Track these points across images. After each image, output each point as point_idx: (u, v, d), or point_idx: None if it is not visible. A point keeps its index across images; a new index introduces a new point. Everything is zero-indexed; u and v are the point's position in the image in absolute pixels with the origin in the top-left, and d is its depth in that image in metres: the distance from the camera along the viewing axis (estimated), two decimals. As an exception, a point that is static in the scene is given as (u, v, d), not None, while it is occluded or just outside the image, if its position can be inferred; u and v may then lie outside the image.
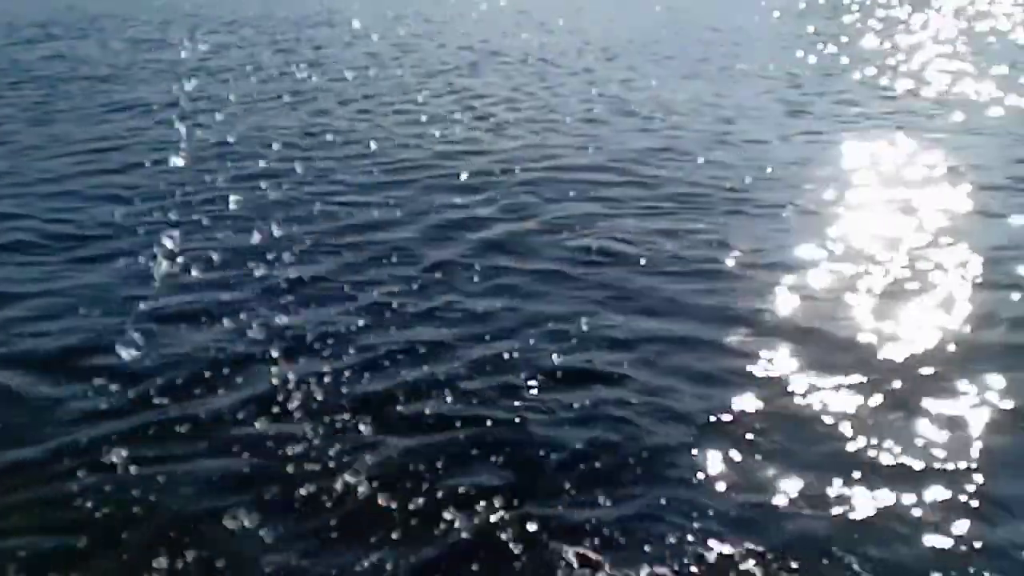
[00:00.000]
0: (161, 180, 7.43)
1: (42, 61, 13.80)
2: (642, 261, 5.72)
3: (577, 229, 6.31)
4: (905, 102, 10.80)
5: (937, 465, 3.57)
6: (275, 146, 8.53)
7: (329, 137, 9.01)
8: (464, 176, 7.59)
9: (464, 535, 3.16)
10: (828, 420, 3.90)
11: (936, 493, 3.39)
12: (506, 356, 4.46)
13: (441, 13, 20.77)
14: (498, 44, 15.86)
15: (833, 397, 4.07)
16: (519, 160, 8.09)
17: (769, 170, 7.80)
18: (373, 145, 8.64)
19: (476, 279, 5.46)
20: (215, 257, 5.67)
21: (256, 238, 5.93)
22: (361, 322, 4.80)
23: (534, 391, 4.14)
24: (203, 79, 12.25)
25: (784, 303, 5.11)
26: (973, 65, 13.19)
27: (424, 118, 9.90)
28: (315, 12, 20.38)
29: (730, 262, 5.75)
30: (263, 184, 7.27)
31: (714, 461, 3.60)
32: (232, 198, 6.82)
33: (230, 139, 8.77)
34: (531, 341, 4.62)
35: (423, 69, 13.25)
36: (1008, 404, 3.99)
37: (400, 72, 12.99)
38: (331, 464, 3.55)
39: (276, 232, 6.10)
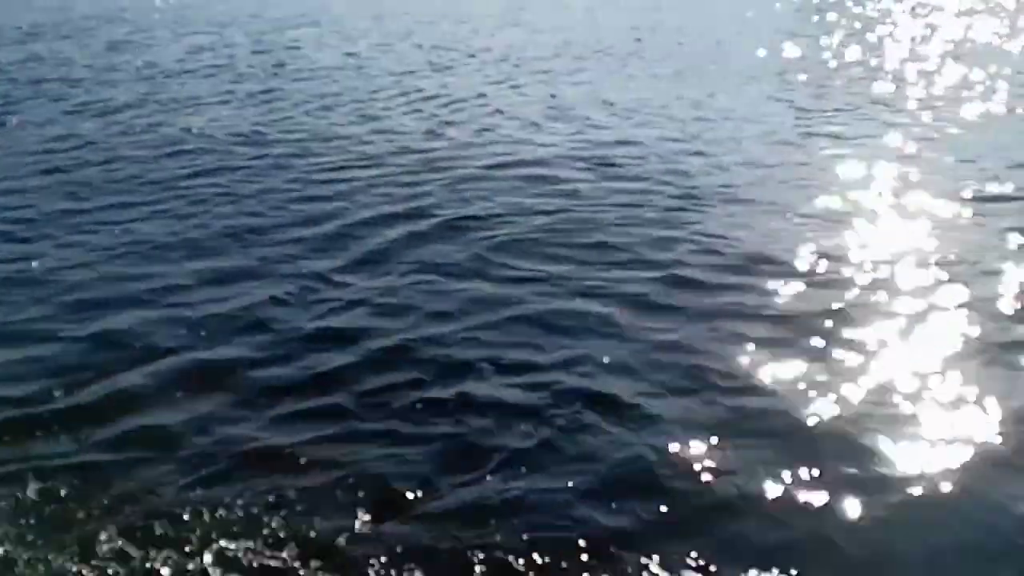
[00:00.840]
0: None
1: (17, 64, 13.91)
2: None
3: (477, 226, 6.46)
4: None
5: (938, 468, 3.58)
6: (212, 145, 8.67)
7: (272, 136, 9.07)
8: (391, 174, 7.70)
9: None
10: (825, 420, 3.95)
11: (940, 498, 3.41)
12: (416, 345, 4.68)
13: (432, 12, 20.70)
14: (480, 43, 15.77)
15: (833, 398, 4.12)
16: (451, 159, 8.19)
17: (756, 171, 7.83)
18: (313, 145, 8.71)
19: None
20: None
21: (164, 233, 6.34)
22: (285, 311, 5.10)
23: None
24: (163, 80, 12.37)
25: (770, 305, 5.15)
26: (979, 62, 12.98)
27: (375, 118, 9.92)
28: (304, 12, 20.36)
29: (719, 259, 5.84)
30: (185, 183, 7.58)
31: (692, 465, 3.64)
32: (152, 195, 7.08)
33: (174, 138, 8.88)
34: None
35: (394, 69, 13.19)
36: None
37: (369, 72, 12.96)
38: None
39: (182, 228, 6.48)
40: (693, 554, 3.14)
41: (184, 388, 4.31)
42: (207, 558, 3.14)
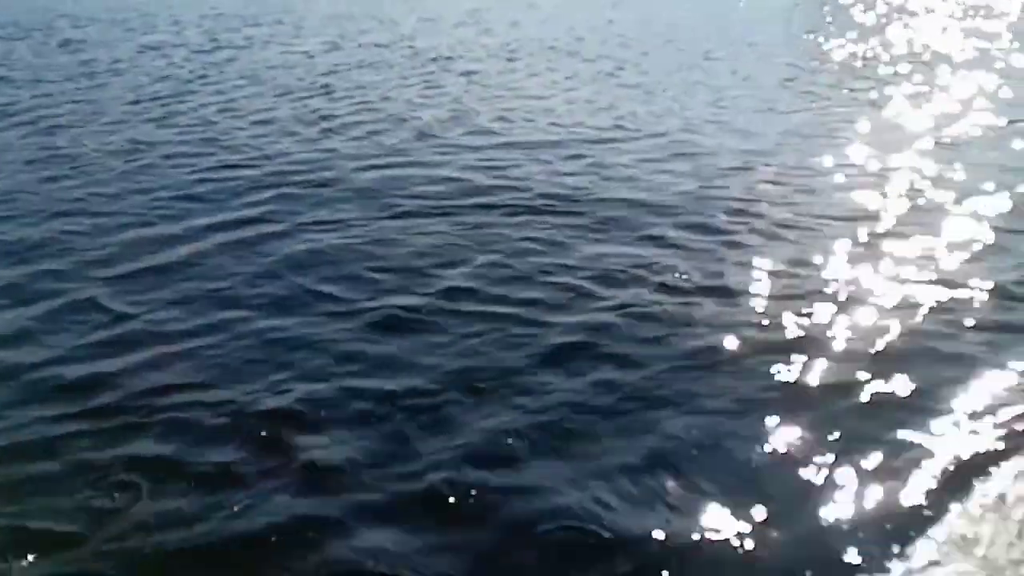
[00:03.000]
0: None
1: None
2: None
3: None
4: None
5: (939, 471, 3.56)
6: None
7: (173, 138, 9.09)
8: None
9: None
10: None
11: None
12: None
13: (402, 10, 20.63)
14: (437, 43, 15.68)
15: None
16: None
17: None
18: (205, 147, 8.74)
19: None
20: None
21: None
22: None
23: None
24: (95, 81, 12.39)
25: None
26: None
27: (287, 120, 9.89)
28: (269, 11, 20.40)
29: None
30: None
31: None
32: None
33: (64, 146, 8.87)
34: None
35: (333, 71, 13.10)
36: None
37: (305, 72, 12.91)
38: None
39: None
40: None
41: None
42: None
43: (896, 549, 3.12)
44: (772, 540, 3.21)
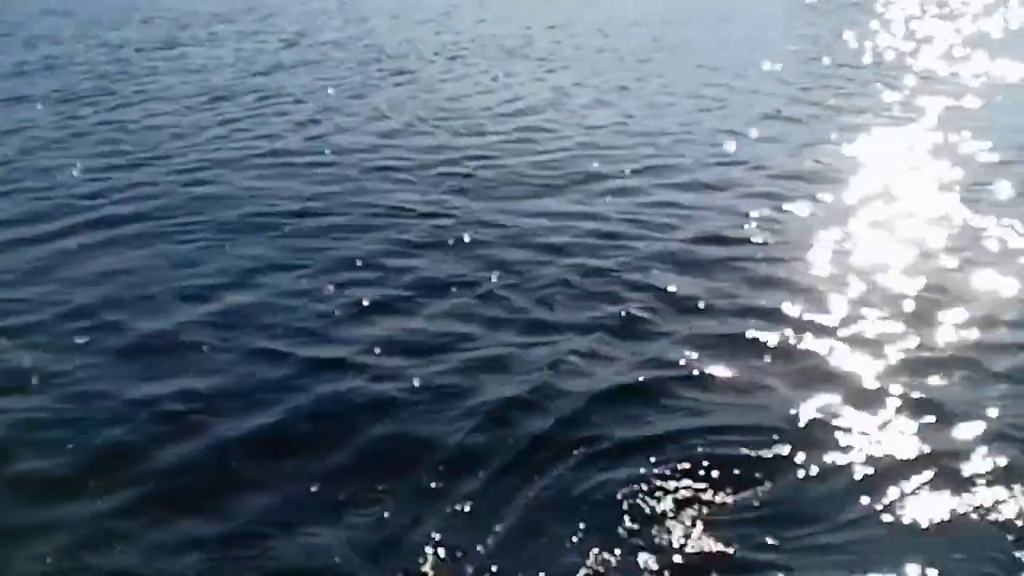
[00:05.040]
0: None
1: None
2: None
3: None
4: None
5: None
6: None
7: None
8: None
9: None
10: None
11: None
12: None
13: (378, 7, 20.58)
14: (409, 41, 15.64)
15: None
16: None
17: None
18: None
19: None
20: None
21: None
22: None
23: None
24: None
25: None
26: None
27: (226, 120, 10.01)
28: (243, 8, 20.50)
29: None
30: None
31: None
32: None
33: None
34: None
35: (281, 69, 13.12)
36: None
37: (255, 72, 12.92)
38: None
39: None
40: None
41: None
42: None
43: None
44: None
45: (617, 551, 3.17)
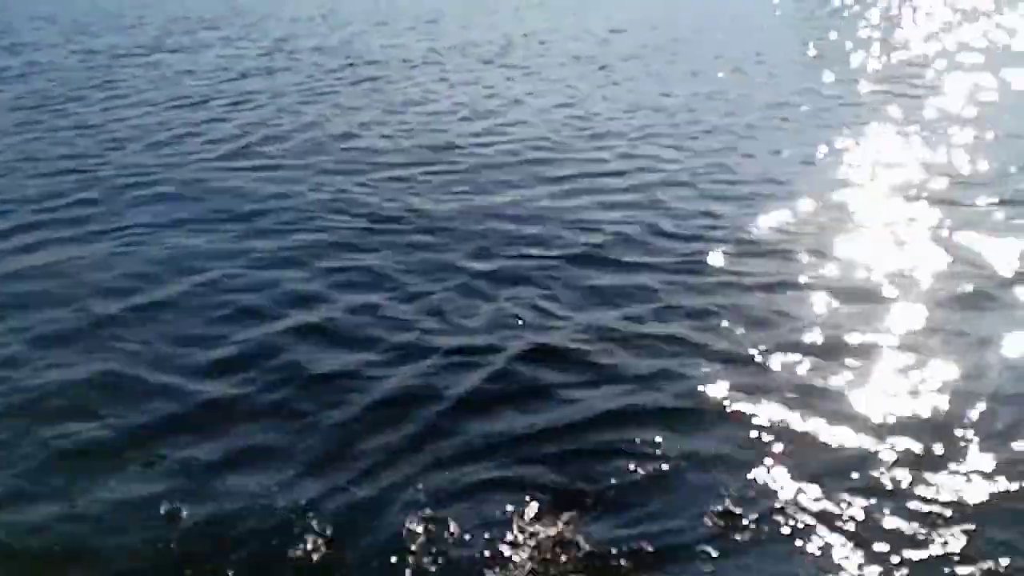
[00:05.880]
0: None
1: None
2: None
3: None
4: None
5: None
6: None
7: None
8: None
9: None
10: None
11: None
12: None
13: (366, 10, 20.59)
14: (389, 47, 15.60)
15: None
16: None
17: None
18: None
19: None
20: None
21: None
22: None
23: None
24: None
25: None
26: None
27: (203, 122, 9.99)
28: (225, 13, 20.54)
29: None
30: None
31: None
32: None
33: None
34: None
35: (256, 75, 13.08)
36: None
37: (230, 76, 12.89)
38: None
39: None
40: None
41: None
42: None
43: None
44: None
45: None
